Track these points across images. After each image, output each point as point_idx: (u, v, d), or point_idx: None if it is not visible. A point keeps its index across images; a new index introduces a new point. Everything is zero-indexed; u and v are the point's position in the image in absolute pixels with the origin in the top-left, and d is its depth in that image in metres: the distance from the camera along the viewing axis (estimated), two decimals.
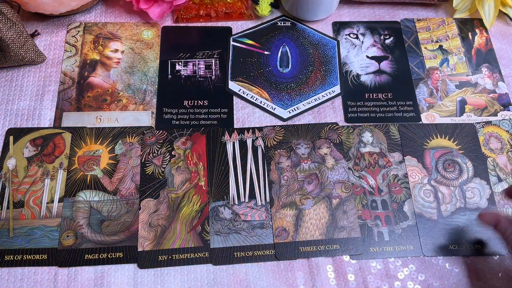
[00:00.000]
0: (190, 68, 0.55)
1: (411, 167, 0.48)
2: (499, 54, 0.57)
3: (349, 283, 0.43)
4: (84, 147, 0.48)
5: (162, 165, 0.48)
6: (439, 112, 0.53)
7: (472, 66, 0.56)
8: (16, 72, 0.53)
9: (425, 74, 0.55)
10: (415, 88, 0.54)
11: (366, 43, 0.57)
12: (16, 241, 0.44)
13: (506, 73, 0.56)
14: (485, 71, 0.56)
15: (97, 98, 0.52)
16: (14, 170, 0.47)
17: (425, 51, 0.57)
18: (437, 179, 0.48)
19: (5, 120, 0.50)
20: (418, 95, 0.54)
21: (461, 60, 0.56)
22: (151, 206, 0.46)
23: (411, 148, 0.50)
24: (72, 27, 0.56)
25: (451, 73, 0.55)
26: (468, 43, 0.58)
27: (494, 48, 0.58)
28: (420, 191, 0.47)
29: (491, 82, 0.55)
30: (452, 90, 0.54)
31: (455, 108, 0.53)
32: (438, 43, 0.58)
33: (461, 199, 0.47)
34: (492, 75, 0.55)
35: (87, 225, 0.45)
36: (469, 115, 0.52)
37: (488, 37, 0.58)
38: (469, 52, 0.57)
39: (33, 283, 0.42)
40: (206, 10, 0.58)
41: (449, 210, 0.46)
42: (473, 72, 0.56)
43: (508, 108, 0.53)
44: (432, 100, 0.53)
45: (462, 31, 0.59)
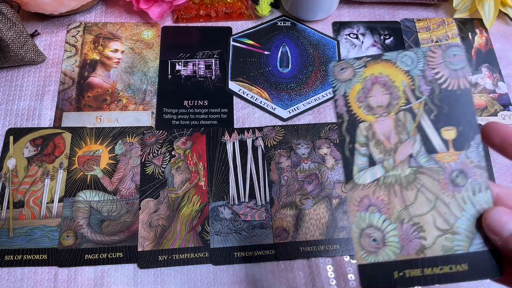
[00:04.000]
0: (190, 68, 0.55)
1: None
2: (499, 54, 0.57)
3: (349, 283, 0.43)
4: (84, 147, 0.48)
5: (162, 165, 0.48)
6: None
7: (472, 66, 0.56)
8: (16, 72, 0.53)
9: None
10: None
11: (366, 43, 0.57)
12: (16, 241, 0.44)
13: (506, 73, 0.56)
14: (485, 71, 0.56)
15: (97, 98, 0.52)
16: (14, 170, 0.47)
17: None
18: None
19: (5, 120, 0.50)
20: None
21: None
22: (151, 206, 0.46)
23: None
24: (72, 27, 0.56)
25: None
26: (468, 43, 0.58)
27: (494, 48, 0.58)
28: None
29: (491, 82, 0.55)
30: None
31: None
32: (438, 43, 0.58)
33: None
34: (492, 75, 0.55)
35: (87, 225, 0.45)
36: None
37: (488, 37, 0.58)
38: (469, 52, 0.57)
39: (33, 283, 0.42)
40: (206, 10, 0.58)
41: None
42: (473, 72, 0.56)
43: (508, 108, 0.53)
44: None
45: (462, 31, 0.59)
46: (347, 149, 0.28)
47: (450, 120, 0.28)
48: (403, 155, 0.28)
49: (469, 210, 0.27)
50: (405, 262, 0.27)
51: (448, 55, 0.28)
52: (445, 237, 0.27)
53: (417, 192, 0.27)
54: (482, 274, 0.26)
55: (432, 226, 0.27)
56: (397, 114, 0.28)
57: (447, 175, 0.27)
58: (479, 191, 0.27)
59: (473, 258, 0.26)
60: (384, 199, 0.27)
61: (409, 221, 0.27)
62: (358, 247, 0.27)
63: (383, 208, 0.27)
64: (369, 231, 0.27)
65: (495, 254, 0.26)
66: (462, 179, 0.27)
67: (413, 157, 0.28)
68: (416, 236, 0.27)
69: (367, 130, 0.28)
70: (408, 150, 0.28)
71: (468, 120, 0.27)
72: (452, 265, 0.26)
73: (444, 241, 0.27)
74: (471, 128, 0.27)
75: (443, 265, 0.26)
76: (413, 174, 0.28)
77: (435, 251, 0.26)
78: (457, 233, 0.27)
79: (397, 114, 0.28)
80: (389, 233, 0.27)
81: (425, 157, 0.28)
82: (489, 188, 0.26)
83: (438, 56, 0.28)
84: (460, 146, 0.27)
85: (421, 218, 0.27)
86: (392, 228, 0.27)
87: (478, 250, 0.26)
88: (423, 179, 0.27)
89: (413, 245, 0.27)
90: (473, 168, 0.27)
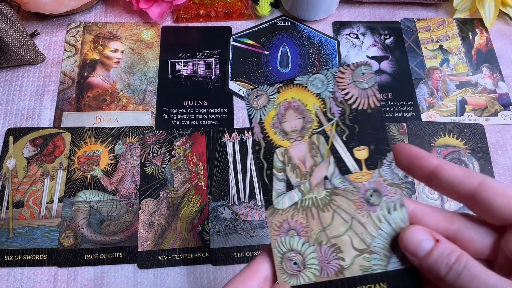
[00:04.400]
0: (190, 68, 0.55)
1: None
2: (500, 54, 0.57)
3: None
4: (84, 147, 0.48)
5: (162, 165, 0.48)
6: (439, 112, 0.53)
7: (472, 66, 0.56)
8: (15, 72, 0.53)
9: (425, 74, 0.55)
10: (415, 88, 0.54)
11: (366, 43, 0.57)
12: (16, 241, 0.44)
13: (506, 73, 0.56)
14: (486, 71, 0.56)
15: (97, 98, 0.52)
16: (13, 170, 0.47)
17: (425, 51, 0.57)
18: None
19: (5, 120, 0.50)
20: (418, 95, 0.54)
21: (462, 60, 0.56)
22: (151, 206, 0.46)
23: (418, 145, 0.49)
24: (72, 27, 0.56)
25: (452, 73, 0.55)
26: (469, 43, 0.58)
27: (494, 48, 0.58)
28: (425, 188, 0.47)
29: (491, 82, 0.55)
30: (453, 90, 0.54)
31: (455, 108, 0.53)
32: (438, 43, 0.58)
33: None
34: (493, 75, 0.55)
35: (87, 225, 0.44)
36: (470, 115, 0.52)
37: (488, 37, 0.58)
38: (470, 52, 0.57)
39: (33, 283, 0.42)
40: (206, 10, 0.58)
41: (453, 208, 0.46)
42: (474, 72, 0.56)
43: (508, 108, 0.53)
44: (432, 100, 0.53)
45: (463, 31, 0.59)
46: (265, 176, 0.28)
47: (362, 140, 0.28)
48: (318, 177, 0.28)
49: (385, 229, 0.27)
50: (325, 284, 0.27)
51: (356, 75, 0.29)
52: (362, 257, 0.27)
53: (334, 213, 0.27)
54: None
55: (349, 246, 0.27)
56: (310, 138, 0.28)
57: (361, 194, 0.27)
58: (394, 209, 0.27)
59: (392, 277, 0.26)
60: (303, 222, 0.27)
61: (327, 243, 0.27)
62: (280, 272, 0.27)
63: (302, 231, 0.27)
64: (290, 255, 0.27)
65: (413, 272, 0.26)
66: (376, 198, 0.27)
67: (328, 179, 0.28)
68: (334, 257, 0.27)
69: (283, 155, 0.29)
70: (323, 173, 0.28)
71: (379, 139, 0.28)
72: (371, 284, 0.26)
73: (362, 261, 0.27)
74: (382, 146, 0.28)
75: (362, 285, 0.26)
76: (329, 196, 0.28)
77: (353, 271, 0.27)
78: (374, 253, 0.27)
79: (310, 138, 0.28)
80: (308, 256, 0.27)
81: (339, 178, 0.28)
82: (403, 206, 0.26)
83: (347, 76, 0.29)
84: (372, 165, 0.28)
85: (338, 239, 0.27)
86: (311, 251, 0.27)
87: (396, 268, 0.26)
88: (339, 200, 0.28)
89: (332, 266, 0.27)
90: (386, 186, 0.27)
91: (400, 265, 0.26)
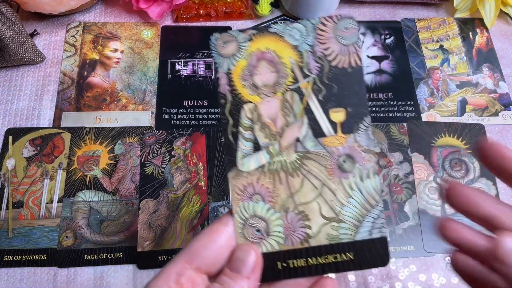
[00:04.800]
0: (190, 68, 0.54)
1: (417, 163, 0.48)
2: (500, 53, 0.57)
3: (349, 283, 0.43)
4: (83, 147, 0.48)
5: (162, 165, 0.48)
6: (440, 112, 0.52)
7: (473, 66, 0.56)
8: (15, 72, 0.53)
9: (426, 74, 0.55)
10: (415, 88, 0.54)
11: (367, 42, 0.57)
12: (15, 242, 0.43)
13: (507, 72, 0.56)
14: (486, 71, 0.55)
15: (97, 98, 0.52)
16: (13, 170, 0.47)
17: (425, 51, 0.57)
18: (443, 177, 0.48)
19: (4, 120, 0.50)
20: (418, 95, 0.54)
21: (462, 60, 0.56)
22: (150, 206, 0.46)
23: (419, 145, 0.50)
24: (72, 27, 0.56)
25: (452, 73, 0.55)
26: (469, 43, 0.58)
27: (495, 47, 0.57)
28: (425, 188, 0.47)
29: (492, 82, 0.55)
30: (453, 90, 0.54)
31: (456, 108, 0.53)
32: (438, 42, 0.58)
33: None
34: (493, 75, 0.55)
35: (86, 225, 0.44)
36: (470, 115, 0.52)
37: (489, 36, 0.58)
38: (470, 52, 0.57)
39: (32, 283, 0.42)
40: (206, 9, 0.58)
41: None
42: (474, 72, 0.55)
43: (509, 108, 0.53)
44: (432, 100, 0.53)
45: (463, 30, 0.59)
46: (230, 133, 0.26)
47: (339, 101, 0.26)
48: (289, 139, 0.26)
49: (356, 197, 0.25)
50: (289, 252, 0.25)
51: (339, 28, 0.26)
52: (330, 226, 0.25)
53: (303, 179, 0.26)
54: (368, 263, 0.25)
55: (317, 214, 0.25)
56: (284, 95, 0.26)
57: (334, 160, 0.26)
58: (367, 177, 0.25)
59: (359, 247, 0.25)
60: (269, 187, 0.26)
61: (294, 209, 0.26)
62: (240, 239, 0.25)
63: (267, 196, 0.26)
64: (253, 221, 0.25)
65: (381, 242, 0.25)
66: (350, 164, 0.26)
67: (300, 142, 0.26)
68: (301, 225, 0.25)
69: (252, 112, 0.26)
70: (295, 134, 0.26)
71: (358, 101, 0.26)
72: (337, 254, 0.25)
73: (329, 229, 0.25)
74: (360, 109, 0.26)
75: (327, 255, 0.25)
76: (299, 160, 0.26)
77: (320, 240, 0.25)
78: (342, 221, 0.25)
79: (284, 95, 0.26)
80: (273, 223, 0.25)
81: (312, 141, 0.26)
82: (377, 174, 0.25)
83: (329, 29, 0.26)
84: (348, 129, 0.26)
85: (306, 206, 0.26)
86: (276, 218, 0.26)
87: (364, 238, 0.25)
88: (310, 164, 0.26)
89: (297, 235, 0.25)
90: (361, 153, 0.26)
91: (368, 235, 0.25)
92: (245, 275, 0.24)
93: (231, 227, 0.25)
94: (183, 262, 0.24)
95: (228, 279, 0.24)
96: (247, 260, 0.24)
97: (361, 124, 0.26)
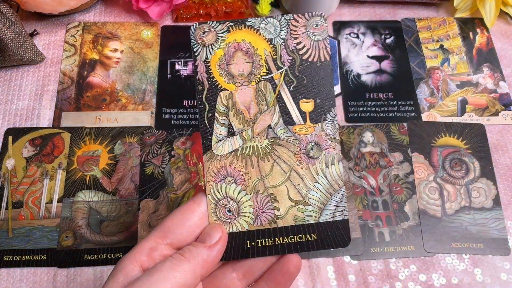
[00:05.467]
0: (189, 67, 0.54)
1: (417, 163, 0.48)
2: (500, 53, 0.57)
3: (349, 283, 0.43)
4: (83, 147, 0.48)
5: (162, 165, 0.48)
6: (440, 112, 0.52)
7: (473, 65, 0.56)
8: (15, 72, 0.53)
9: (426, 73, 0.55)
10: (416, 87, 0.54)
11: (367, 42, 0.57)
12: (15, 242, 0.43)
13: (507, 72, 0.55)
14: (486, 70, 0.55)
15: (96, 98, 0.52)
16: (13, 170, 0.47)
17: (426, 51, 0.57)
18: (443, 177, 0.48)
19: (4, 120, 0.50)
20: (419, 95, 0.54)
21: (462, 60, 0.56)
22: (150, 206, 0.45)
23: (419, 145, 0.49)
24: (71, 27, 0.56)
25: (452, 73, 0.55)
26: (469, 43, 0.58)
27: (495, 47, 0.57)
28: (425, 188, 0.47)
29: (492, 82, 0.55)
30: (453, 90, 0.54)
31: (456, 108, 0.53)
32: (439, 42, 0.58)
33: (466, 198, 0.47)
34: (493, 74, 0.55)
35: (86, 225, 0.44)
36: (470, 115, 0.52)
37: (489, 36, 0.58)
38: (470, 52, 0.57)
39: (32, 283, 0.42)
40: (206, 9, 0.58)
41: (453, 208, 0.46)
42: (474, 72, 0.55)
43: (509, 108, 0.53)
44: (433, 100, 0.53)
45: (463, 30, 0.59)
46: (206, 118, 0.28)
47: (309, 92, 0.28)
48: (262, 126, 0.28)
49: (321, 182, 0.27)
50: (258, 232, 0.27)
51: (310, 25, 0.28)
52: (297, 208, 0.27)
53: (273, 163, 0.28)
54: (331, 243, 0.27)
55: (285, 197, 0.27)
56: (257, 84, 0.28)
57: (302, 147, 0.28)
58: (332, 163, 0.27)
59: (322, 228, 0.27)
60: (241, 170, 0.28)
61: (264, 192, 0.27)
62: (213, 218, 0.27)
63: (239, 179, 0.27)
64: (225, 202, 0.27)
65: (343, 224, 0.27)
66: (317, 151, 0.28)
67: (271, 128, 0.28)
68: (269, 206, 0.27)
69: (228, 99, 0.28)
70: (267, 121, 0.28)
71: (326, 93, 0.28)
72: (303, 234, 0.27)
73: (296, 211, 0.27)
74: (328, 101, 0.28)
75: (293, 235, 0.27)
76: (270, 146, 0.28)
77: (287, 221, 0.27)
78: (308, 204, 0.27)
79: (257, 84, 0.28)
80: (244, 204, 0.27)
81: (283, 129, 0.28)
82: (341, 161, 0.27)
83: (301, 25, 0.28)
84: (316, 118, 0.28)
85: (275, 189, 0.27)
86: (247, 199, 0.27)
87: (327, 220, 0.27)
88: (280, 150, 0.28)
89: (266, 215, 0.27)
90: (327, 141, 0.28)
91: (332, 217, 0.27)
92: (207, 245, 0.26)
93: (204, 206, 0.27)
94: (156, 238, 0.26)
95: (191, 247, 0.25)
96: (213, 234, 0.26)
97: (328, 114, 0.28)
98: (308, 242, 0.27)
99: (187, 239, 0.26)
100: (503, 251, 0.44)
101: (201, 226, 0.27)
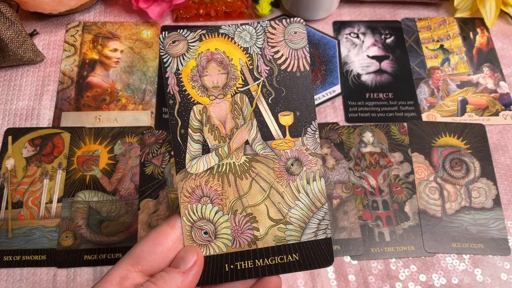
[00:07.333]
0: None
1: (417, 163, 0.48)
2: (501, 53, 0.57)
3: (350, 283, 0.43)
4: (83, 147, 0.48)
5: (162, 165, 0.48)
6: (440, 112, 0.52)
7: (473, 65, 0.56)
8: (14, 72, 0.53)
9: (426, 73, 0.55)
10: (416, 87, 0.54)
11: (367, 42, 0.57)
12: (15, 242, 0.43)
13: (507, 72, 0.55)
14: (487, 70, 0.55)
15: (96, 98, 0.52)
16: (12, 170, 0.47)
17: (426, 51, 0.57)
18: (444, 177, 0.48)
19: (4, 120, 0.50)
20: (419, 94, 0.54)
21: (462, 60, 0.56)
22: (150, 206, 0.45)
23: (419, 145, 0.49)
24: (71, 27, 0.56)
25: (452, 73, 0.55)
26: (469, 43, 0.57)
27: (495, 47, 0.57)
28: (425, 188, 0.47)
29: (492, 81, 0.55)
30: (453, 90, 0.54)
31: (456, 108, 0.53)
32: (439, 42, 0.57)
33: (467, 198, 0.47)
34: (494, 74, 0.55)
35: (86, 225, 0.44)
36: (471, 115, 0.52)
37: (489, 36, 0.58)
38: (470, 52, 0.57)
39: (32, 284, 0.42)
40: (205, 9, 0.57)
41: (453, 208, 0.46)
42: (474, 72, 0.55)
43: (509, 108, 0.53)
44: (433, 99, 0.53)
45: (463, 30, 0.58)
46: (178, 135, 0.26)
47: (288, 105, 0.26)
48: (239, 141, 0.26)
49: (303, 199, 0.26)
50: (237, 254, 0.26)
51: (288, 33, 0.26)
52: (277, 227, 0.26)
53: (252, 181, 0.26)
54: (313, 264, 0.26)
55: (265, 216, 0.26)
56: (233, 97, 0.26)
57: (282, 163, 0.26)
58: (313, 180, 0.26)
59: (304, 248, 0.26)
60: (218, 189, 0.26)
61: (242, 212, 0.26)
62: (188, 241, 0.25)
63: (216, 199, 0.26)
64: (201, 224, 0.26)
65: (326, 243, 0.26)
66: (297, 167, 0.26)
67: (249, 144, 0.26)
68: (248, 227, 0.26)
69: (201, 113, 0.26)
70: (244, 137, 0.26)
71: (306, 105, 0.26)
72: (284, 255, 0.26)
73: (276, 231, 0.26)
74: (308, 113, 0.26)
75: (274, 256, 0.26)
76: (248, 162, 0.26)
77: (267, 242, 0.26)
78: (289, 223, 0.26)
79: (233, 97, 0.26)
80: (221, 225, 0.26)
81: (261, 144, 0.26)
82: (323, 177, 0.26)
83: (279, 33, 0.26)
84: (296, 132, 0.26)
85: (254, 209, 0.26)
86: (224, 220, 0.26)
87: (309, 240, 0.26)
88: (258, 167, 0.26)
89: (245, 236, 0.26)
90: (308, 156, 0.26)
91: (314, 236, 0.26)
92: (181, 271, 0.24)
93: (179, 230, 0.25)
94: (127, 265, 0.24)
95: (164, 273, 0.24)
96: (187, 258, 0.25)
97: (309, 128, 0.26)
98: (290, 263, 0.26)
99: (160, 264, 0.25)
100: (503, 251, 0.44)
101: (176, 250, 0.25)
